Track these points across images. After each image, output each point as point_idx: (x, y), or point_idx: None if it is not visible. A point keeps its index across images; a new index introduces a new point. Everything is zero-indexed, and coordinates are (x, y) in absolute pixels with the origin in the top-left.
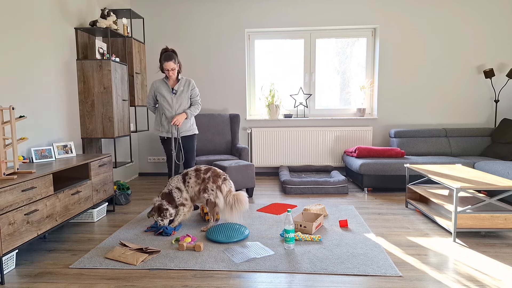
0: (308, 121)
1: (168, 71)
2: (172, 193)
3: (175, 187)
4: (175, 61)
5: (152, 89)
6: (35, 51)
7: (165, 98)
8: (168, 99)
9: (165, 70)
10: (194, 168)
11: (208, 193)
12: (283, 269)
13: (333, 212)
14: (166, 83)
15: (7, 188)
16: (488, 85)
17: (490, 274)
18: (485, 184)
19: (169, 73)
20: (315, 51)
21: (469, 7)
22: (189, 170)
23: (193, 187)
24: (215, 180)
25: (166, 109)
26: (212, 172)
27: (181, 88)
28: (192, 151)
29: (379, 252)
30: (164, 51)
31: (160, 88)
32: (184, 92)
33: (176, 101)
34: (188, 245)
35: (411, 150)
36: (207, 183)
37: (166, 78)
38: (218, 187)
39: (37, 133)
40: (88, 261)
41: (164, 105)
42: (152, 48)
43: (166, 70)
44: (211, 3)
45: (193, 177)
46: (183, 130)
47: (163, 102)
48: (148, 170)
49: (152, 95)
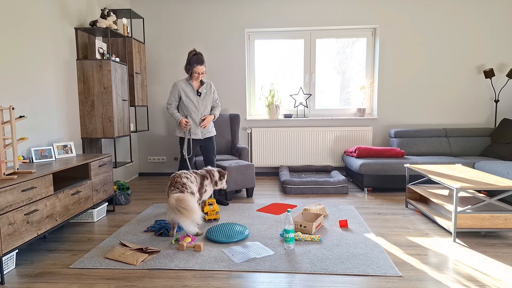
0: (308, 121)
1: (198, 75)
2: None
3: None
4: (205, 65)
5: (176, 90)
6: (35, 51)
7: (190, 100)
8: (194, 101)
9: (194, 73)
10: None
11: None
12: (283, 269)
13: (333, 212)
14: (191, 85)
15: (7, 188)
16: (488, 85)
17: (490, 274)
18: (485, 184)
19: (198, 76)
20: (315, 51)
21: (469, 7)
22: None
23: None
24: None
25: (192, 111)
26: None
27: (204, 91)
28: (214, 150)
29: (379, 252)
30: (194, 54)
31: (185, 90)
32: (207, 95)
33: (202, 103)
34: (188, 245)
35: (411, 150)
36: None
37: (189, 80)
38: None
39: (37, 133)
40: (88, 261)
41: (190, 107)
42: (152, 48)
43: (196, 73)
44: (211, 3)
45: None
46: (206, 132)
47: (188, 104)
48: (148, 170)
49: (176, 96)
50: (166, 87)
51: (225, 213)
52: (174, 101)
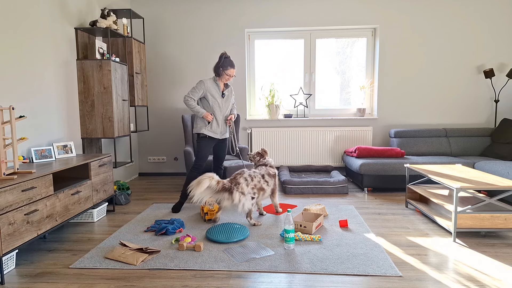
0: (308, 121)
1: (230, 77)
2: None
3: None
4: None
5: (202, 87)
6: (35, 51)
7: (216, 100)
8: (219, 102)
9: (226, 75)
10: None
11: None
12: (283, 269)
13: (333, 212)
14: (218, 85)
15: (7, 188)
16: (488, 85)
17: (490, 274)
18: (485, 184)
19: (229, 78)
20: (315, 51)
21: (469, 7)
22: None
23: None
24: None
25: (216, 111)
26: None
27: (227, 93)
28: (225, 152)
29: (379, 252)
30: (225, 56)
31: (212, 89)
32: (229, 97)
33: (225, 104)
34: (188, 245)
35: (411, 150)
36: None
37: (216, 80)
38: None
39: (37, 133)
40: (88, 261)
41: (215, 106)
42: (152, 48)
43: (228, 75)
44: (211, 3)
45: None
46: (224, 132)
47: (213, 103)
48: (148, 170)
49: (200, 93)
50: (166, 87)
51: (225, 213)
52: (196, 97)
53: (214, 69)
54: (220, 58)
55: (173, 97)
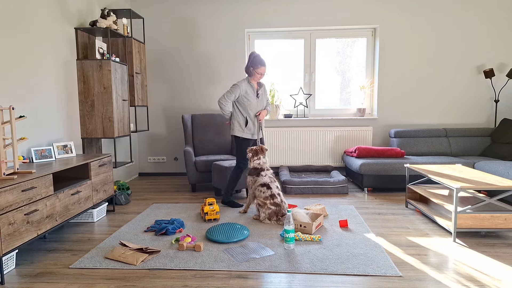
0: (308, 121)
1: (261, 75)
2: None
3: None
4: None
5: (237, 90)
6: (35, 51)
7: (251, 102)
8: (254, 102)
9: (257, 74)
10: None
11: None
12: (283, 269)
13: (333, 212)
14: (252, 86)
15: (7, 188)
16: (488, 85)
17: (490, 274)
18: (485, 184)
19: (260, 77)
20: (315, 51)
21: (469, 7)
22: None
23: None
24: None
25: (251, 112)
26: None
27: (261, 92)
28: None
29: (379, 252)
30: (256, 55)
31: (247, 91)
32: (263, 96)
33: (259, 104)
34: (188, 245)
35: (411, 150)
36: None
37: (249, 81)
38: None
39: (37, 133)
40: (88, 261)
41: (251, 108)
42: (152, 48)
43: (259, 74)
44: (211, 3)
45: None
46: (259, 132)
47: (248, 105)
48: (148, 170)
49: (236, 95)
50: (166, 87)
51: (225, 213)
52: (230, 100)
53: (246, 70)
54: (249, 57)
55: (173, 97)
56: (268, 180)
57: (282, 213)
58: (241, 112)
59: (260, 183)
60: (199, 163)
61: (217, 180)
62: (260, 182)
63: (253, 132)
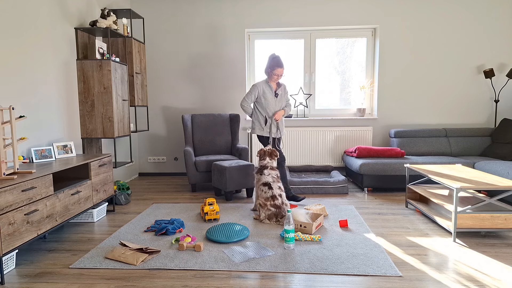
0: (308, 121)
1: (278, 76)
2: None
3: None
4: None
5: (255, 91)
6: (35, 51)
7: (268, 101)
8: (272, 102)
9: (274, 75)
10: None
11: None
12: (283, 269)
13: (333, 212)
14: (270, 86)
15: (7, 188)
16: (488, 85)
17: (490, 274)
18: (485, 184)
19: (277, 78)
20: (315, 51)
21: (469, 7)
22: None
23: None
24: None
25: (269, 111)
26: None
27: (280, 92)
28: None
29: (379, 252)
30: (274, 57)
31: (265, 91)
32: (282, 96)
33: (278, 103)
34: (188, 245)
35: (411, 150)
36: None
37: (268, 81)
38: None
39: (37, 133)
40: (88, 261)
41: (269, 107)
42: (152, 48)
43: (276, 75)
44: (211, 3)
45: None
46: (280, 129)
47: (266, 105)
48: (148, 170)
49: (254, 96)
50: (166, 87)
51: (225, 213)
52: (250, 100)
53: (265, 71)
54: (268, 59)
55: (173, 97)
56: (271, 179)
57: (282, 215)
58: (260, 112)
59: (263, 182)
60: (199, 163)
61: (217, 180)
62: (262, 181)
63: (273, 131)
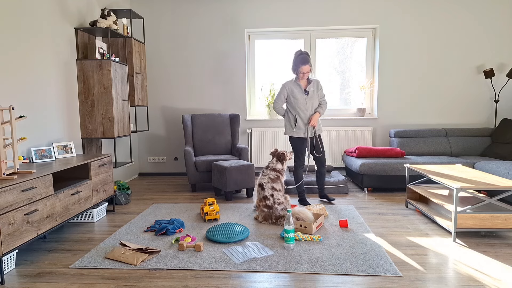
0: None
1: (303, 74)
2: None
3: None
4: (310, 64)
5: (284, 91)
6: (35, 51)
7: (298, 100)
8: (301, 101)
9: (300, 73)
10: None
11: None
12: (283, 269)
13: (333, 212)
14: (299, 85)
15: (7, 188)
16: (488, 85)
17: (490, 274)
18: (485, 184)
19: (303, 75)
20: (315, 51)
21: (469, 7)
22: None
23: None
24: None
25: (300, 110)
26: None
27: (312, 89)
28: (323, 146)
29: (379, 252)
30: (299, 54)
31: (293, 90)
32: (314, 93)
33: (309, 101)
34: (188, 245)
35: (411, 150)
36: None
37: (297, 80)
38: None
39: (37, 133)
40: (88, 261)
41: (299, 106)
42: (152, 48)
43: (301, 73)
44: (211, 3)
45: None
46: (317, 129)
47: (296, 104)
48: (148, 170)
49: (283, 97)
50: (166, 87)
51: (225, 213)
52: (280, 101)
53: (292, 69)
54: (293, 57)
55: (173, 97)
56: (266, 180)
57: (276, 215)
58: (291, 111)
59: (258, 182)
60: (199, 163)
61: (217, 180)
62: (258, 181)
63: (304, 131)
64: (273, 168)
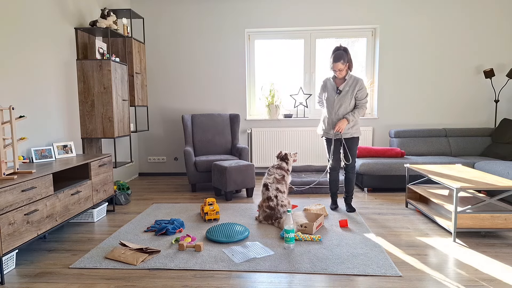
0: (308, 121)
1: (336, 71)
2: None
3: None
4: (344, 61)
5: (322, 85)
6: (35, 51)
7: (328, 98)
8: (331, 99)
9: (333, 70)
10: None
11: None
12: (283, 269)
13: (333, 212)
14: (334, 82)
15: (7, 188)
16: (488, 85)
17: (490, 274)
18: (485, 184)
19: (339, 73)
20: (315, 51)
21: (469, 7)
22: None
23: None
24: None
25: (328, 111)
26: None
27: (346, 88)
28: (353, 153)
29: (379, 252)
30: (335, 49)
31: (328, 87)
32: (348, 93)
33: (338, 101)
34: (188, 245)
35: (411, 150)
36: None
37: (334, 77)
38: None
39: (37, 133)
40: (88, 261)
41: (328, 104)
42: (152, 48)
43: (334, 70)
44: (211, 3)
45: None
46: (346, 133)
47: (326, 102)
48: (148, 170)
49: (321, 91)
50: (166, 87)
51: (225, 213)
52: (318, 97)
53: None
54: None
55: (173, 97)
56: (270, 180)
57: (277, 217)
58: (325, 109)
59: (263, 182)
60: (199, 163)
61: (217, 180)
62: (263, 181)
63: (328, 130)
64: (279, 166)
